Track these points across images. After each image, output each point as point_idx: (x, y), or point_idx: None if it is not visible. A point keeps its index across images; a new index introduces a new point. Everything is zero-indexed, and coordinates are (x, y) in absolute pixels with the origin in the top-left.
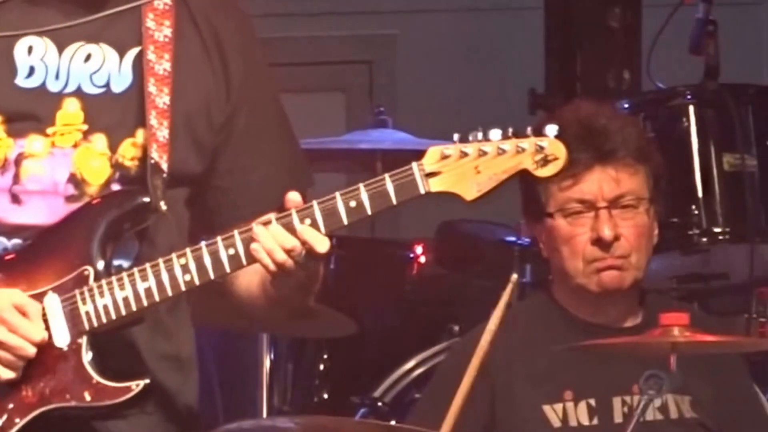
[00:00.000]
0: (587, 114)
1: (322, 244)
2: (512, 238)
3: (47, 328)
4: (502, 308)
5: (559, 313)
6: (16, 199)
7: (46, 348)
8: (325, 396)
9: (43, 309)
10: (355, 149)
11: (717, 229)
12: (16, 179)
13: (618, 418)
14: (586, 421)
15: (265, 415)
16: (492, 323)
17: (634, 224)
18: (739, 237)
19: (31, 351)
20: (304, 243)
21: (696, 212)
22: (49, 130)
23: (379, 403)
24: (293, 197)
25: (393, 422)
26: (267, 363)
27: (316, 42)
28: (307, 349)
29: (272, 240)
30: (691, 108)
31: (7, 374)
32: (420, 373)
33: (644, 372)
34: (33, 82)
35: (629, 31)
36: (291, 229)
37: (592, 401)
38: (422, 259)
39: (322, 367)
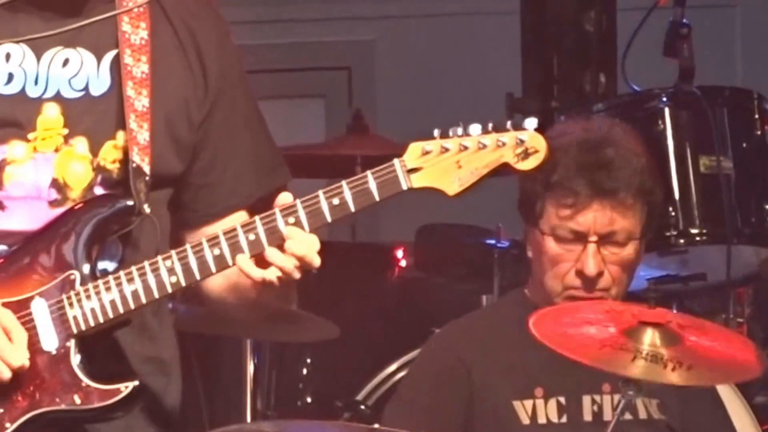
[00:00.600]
0: (596, 140)
1: (314, 261)
2: (492, 241)
3: (35, 332)
4: None
5: (533, 311)
6: (0, 205)
7: (35, 352)
8: (309, 400)
9: (31, 314)
10: (336, 154)
11: (694, 231)
12: (0, 186)
13: (587, 417)
14: (555, 419)
15: (249, 419)
16: None
17: (620, 260)
18: (716, 238)
19: (6, 375)
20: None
21: (673, 214)
22: (30, 136)
23: (362, 406)
24: (284, 198)
25: (376, 425)
26: (250, 368)
27: (295, 48)
28: (289, 354)
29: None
30: (667, 110)
31: None
32: (402, 376)
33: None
34: (12, 89)
35: (604, 34)
36: (275, 230)
37: (562, 399)
38: (403, 263)
39: (305, 371)
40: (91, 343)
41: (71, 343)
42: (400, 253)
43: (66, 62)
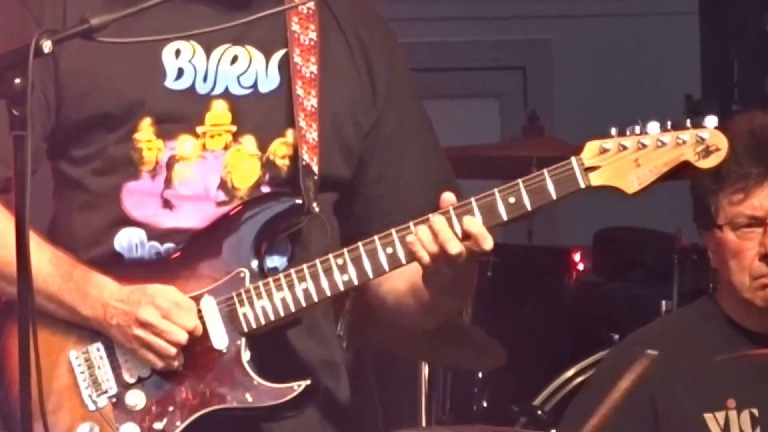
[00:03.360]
0: (761, 125)
1: (486, 240)
2: (672, 246)
3: (205, 330)
4: (633, 380)
5: (724, 320)
6: (167, 204)
7: (204, 350)
8: (484, 404)
9: (200, 311)
10: (510, 155)
11: None
12: (168, 184)
13: None
14: (748, 430)
15: (423, 423)
16: (622, 386)
17: None
18: None
19: (183, 337)
20: (468, 237)
21: None
22: (199, 130)
23: (539, 412)
24: (448, 197)
25: (553, 431)
26: (425, 371)
27: (470, 47)
28: None
29: (428, 233)
30: None
31: (159, 363)
32: (579, 381)
33: None
34: (182, 84)
35: None
36: (451, 225)
37: (755, 410)
38: (580, 267)
39: (480, 375)
40: (262, 342)
41: (242, 342)
42: (577, 257)
43: (235, 59)
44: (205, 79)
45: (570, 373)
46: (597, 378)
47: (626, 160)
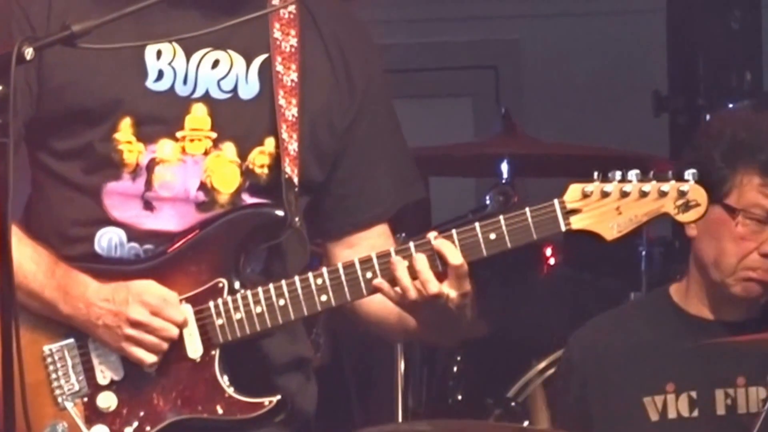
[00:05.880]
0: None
1: (454, 255)
2: (640, 239)
3: (180, 338)
4: None
5: (671, 310)
6: (148, 205)
7: (178, 358)
8: (459, 397)
9: None
10: (484, 153)
11: None
12: (149, 185)
13: (720, 411)
14: (686, 413)
15: (400, 417)
16: None
17: None
18: None
19: (175, 332)
20: (436, 254)
21: None
22: (179, 134)
23: (512, 403)
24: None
25: (526, 423)
26: (402, 365)
27: (442, 47)
28: (440, 352)
29: (403, 267)
30: None
31: (151, 358)
32: (552, 373)
33: (751, 367)
34: (162, 86)
35: (750, 32)
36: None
37: (693, 393)
38: (552, 261)
39: (455, 369)
40: (236, 351)
41: (216, 352)
42: (549, 251)
43: (216, 63)
44: (185, 81)
45: (542, 365)
46: (560, 372)
47: (608, 207)
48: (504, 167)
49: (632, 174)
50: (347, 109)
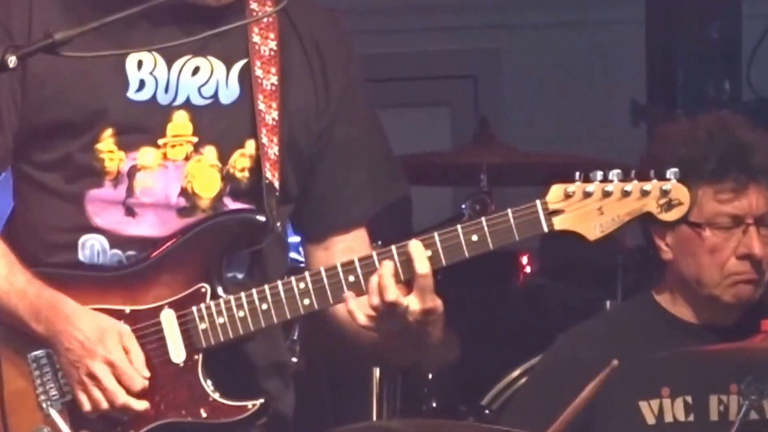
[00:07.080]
0: (733, 125)
1: (421, 263)
2: (615, 247)
3: (163, 343)
4: (597, 385)
5: (661, 315)
6: (130, 211)
7: (161, 363)
8: (434, 404)
9: (160, 323)
10: (461, 162)
11: None
12: (130, 192)
13: (714, 417)
14: (682, 418)
15: None
16: (586, 393)
17: None
18: None
19: (123, 400)
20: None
21: None
22: (160, 141)
23: (486, 411)
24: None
25: None
26: (377, 373)
27: (421, 57)
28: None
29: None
30: None
31: (88, 408)
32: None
33: (743, 374)
34: (143, 96)
35: (729, 41)
36: (410, 260)
37: (689, 398)
38: (528, 269)
39: (430, 376)
40: (218, 356)
41: (199, 357)
42: (525, 260)
43: (196, 70)
44: (166, 90)
45: (516, 373)
46: (541, 373)
47: (590, 208)
48: (482, 176)
49: (614, 174)
50: (323, 112)
